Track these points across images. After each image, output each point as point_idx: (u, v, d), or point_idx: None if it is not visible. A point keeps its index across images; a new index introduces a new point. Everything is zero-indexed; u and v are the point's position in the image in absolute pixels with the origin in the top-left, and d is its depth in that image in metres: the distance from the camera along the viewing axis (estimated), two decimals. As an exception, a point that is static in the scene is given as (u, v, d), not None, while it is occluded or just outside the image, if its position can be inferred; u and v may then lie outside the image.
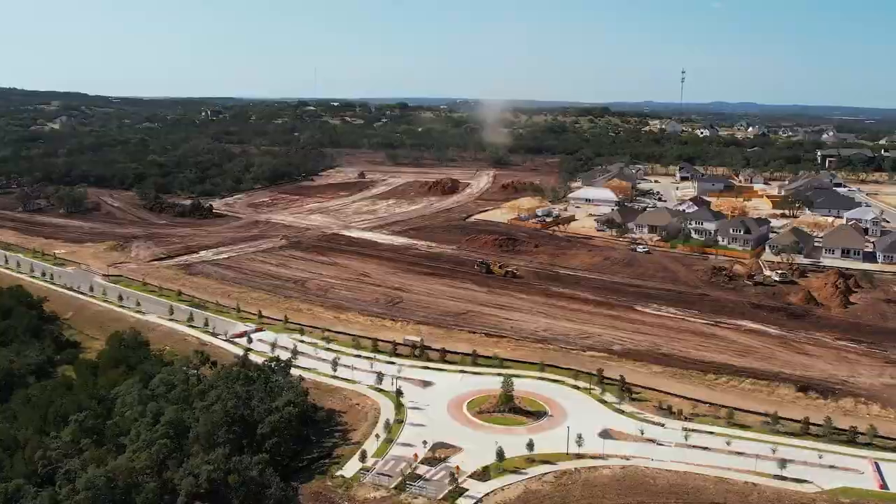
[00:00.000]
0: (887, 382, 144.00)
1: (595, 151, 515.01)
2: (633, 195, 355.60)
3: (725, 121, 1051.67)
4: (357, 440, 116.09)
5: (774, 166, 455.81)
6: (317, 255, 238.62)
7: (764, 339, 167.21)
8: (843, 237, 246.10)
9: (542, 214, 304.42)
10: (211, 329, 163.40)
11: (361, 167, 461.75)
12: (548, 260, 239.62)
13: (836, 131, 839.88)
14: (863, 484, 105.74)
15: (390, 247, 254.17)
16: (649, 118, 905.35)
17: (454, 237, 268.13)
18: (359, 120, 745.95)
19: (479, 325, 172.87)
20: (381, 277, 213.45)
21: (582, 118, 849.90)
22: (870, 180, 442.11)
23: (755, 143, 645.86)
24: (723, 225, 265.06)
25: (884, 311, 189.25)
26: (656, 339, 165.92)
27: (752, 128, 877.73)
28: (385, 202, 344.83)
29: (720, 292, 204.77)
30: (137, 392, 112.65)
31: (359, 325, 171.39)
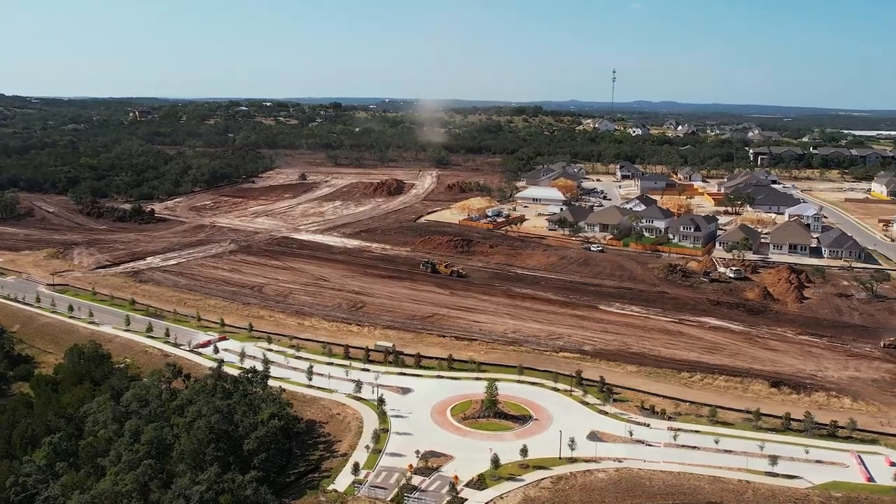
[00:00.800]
0: (853, 375, 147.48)
1: (535, 151, 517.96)
2: (578, 194, 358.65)
3: (649, 119, 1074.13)
4: (344, 452, 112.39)
5: (711, 164, 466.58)
6: (269, 260, 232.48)
7: (729, 336, 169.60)
8: (790, 233, 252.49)
9: (492, 215, 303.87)
10: (173, 339, 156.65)
11: (301, 168, 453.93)
12: (504, 260, 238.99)
13: (761, 129, 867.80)
14: (850, 477, 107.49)
15: (344, 250, 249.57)
16: (582, 117, 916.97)
17: (407, 239, 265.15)
18: (293, 120, 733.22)
19: (448, 329, 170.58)
20: (339, 281, 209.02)
21: (516, 117, 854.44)
22: (801, 177, 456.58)
23: (686, 142, 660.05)
24: (673, 223, 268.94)
25: (837, 306, 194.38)
26: (625, 338, 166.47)
27: (681, 126, 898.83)
28: (331, 204, 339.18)
29: (678, 289, 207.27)
30: (111, 410, 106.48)
31: (325, 332, 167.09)
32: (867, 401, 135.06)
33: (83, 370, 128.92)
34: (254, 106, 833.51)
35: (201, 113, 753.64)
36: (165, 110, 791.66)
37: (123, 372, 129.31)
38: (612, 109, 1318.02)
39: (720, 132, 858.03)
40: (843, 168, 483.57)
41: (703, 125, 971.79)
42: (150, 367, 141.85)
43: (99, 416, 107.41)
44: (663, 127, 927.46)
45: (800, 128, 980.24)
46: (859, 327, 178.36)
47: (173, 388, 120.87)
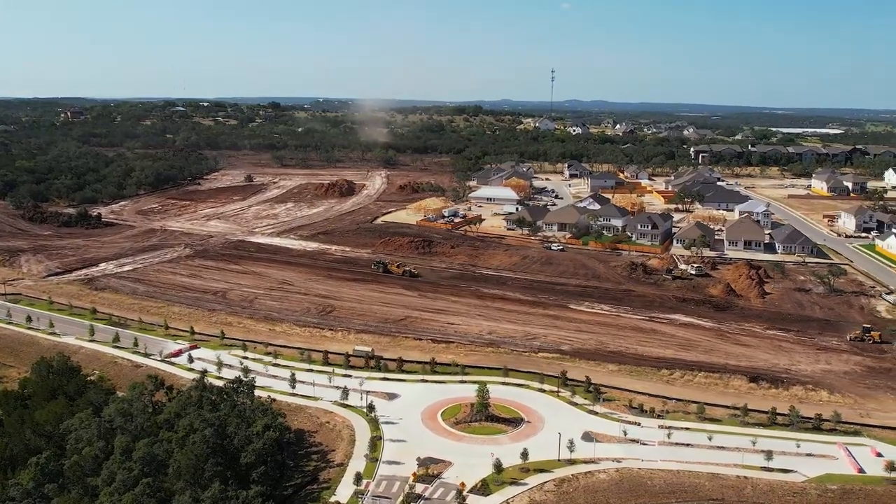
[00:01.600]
0: (825, 368, 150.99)
1: (481, 150, 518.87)
2: (530, 193, 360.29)
3: (582, 118, 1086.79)
4: (339, 461, 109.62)
5: (656, 162, 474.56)
6: (228, 264, 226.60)
7: (701, 332, 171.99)
8: (744, 230, 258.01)
9: (449, 215, 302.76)
10: (142, 349, 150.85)
11: (246, 170, 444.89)
12: (467, 260, 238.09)
13: (695, 127, 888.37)
14: (841, 469, 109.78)
15: (304, 252, 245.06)
16: (522, 117, 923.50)
17: (367, 240, 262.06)
18: (232, 120, 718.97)
19: (423, 331, 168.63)
20: (304, 285, 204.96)
21: (457, 117, 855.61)
22: (743, 174, 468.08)
23: (627, 140, 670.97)
24: (630, 221, 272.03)
25: (798, 300, 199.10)
26: (600, 337, 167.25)
27: (619, 125, 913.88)
28: (283, 206, 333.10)
29: (643, 287, 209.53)
30: (96, 426, 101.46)
31: (299, 338, 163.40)
32: (843, 393, 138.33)
33: (54, 384, 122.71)
34: (190, 106, 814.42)
35: (136, 113, 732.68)
36: (98, 111, 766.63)
37: (99, 385, 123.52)
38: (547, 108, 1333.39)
39: (657, 130, 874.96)
40: (781, 165, 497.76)
41: (638, 124, 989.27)
42: (122, 379, 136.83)
43: (82, 433, 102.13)
44: (601, 126, 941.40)
45: (730, 126, 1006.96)
46: (822, 321, 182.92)
47: (156, 400, 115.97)
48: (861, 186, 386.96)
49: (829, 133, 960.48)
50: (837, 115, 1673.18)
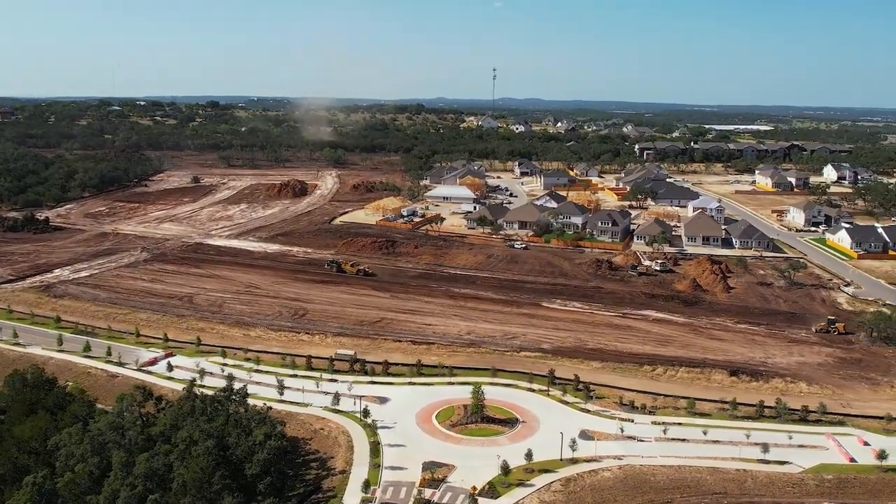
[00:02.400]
0: (800, 361, 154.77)
1: (430, 149, 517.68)
2: (486, 192, 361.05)
3: (520, 116, 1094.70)
4: (341, 468, 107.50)
5: (604, 160, 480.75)
6: (190, 268, 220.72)
7: (675, 328, 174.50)
8: (702, 225, 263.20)
9: (407, 214, 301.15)
10: (116, 358, 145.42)
11: (192, 170, 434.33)
12: (433, 260, 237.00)
13: (633, 125, 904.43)
14: (834, 459, 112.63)
15: (265, 255, 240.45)
16: (464, 115, 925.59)
17: (328, 241, 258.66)
18: (171, 120, 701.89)
19: (401, 333, 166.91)
20: (272, 288, 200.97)
21: (400, 115, 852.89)
22: (689, 171, 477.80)
23: (570, 138, 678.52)
24: (590, 218, 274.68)
25: (762, 294, 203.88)
26: (578, 334, 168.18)
27: (560, 123, 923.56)
28: (237, 207, 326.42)
29: (611, 284, 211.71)
30: (89, 442, 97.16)
31: (276, 342, 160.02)
32: (821, 385, 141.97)
33: (31, 398, 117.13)
34: (127, 106, 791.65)
35: (70, 113, 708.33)
36: (30, 110, 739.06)
37: (81, 399, 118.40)
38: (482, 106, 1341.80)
39: (597, 128, 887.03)
40: (723, 161, 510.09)
41: (578, 122, 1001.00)
42: (99, 391, 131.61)
43: (73, 449, 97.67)
44: (542, 124, 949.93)
45: (664, 123, 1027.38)
46: (788, 314, 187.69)
47: (145, 412, 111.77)
48: (804, 182, 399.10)
49: (759, 129, 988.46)
50: (765, 112, 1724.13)
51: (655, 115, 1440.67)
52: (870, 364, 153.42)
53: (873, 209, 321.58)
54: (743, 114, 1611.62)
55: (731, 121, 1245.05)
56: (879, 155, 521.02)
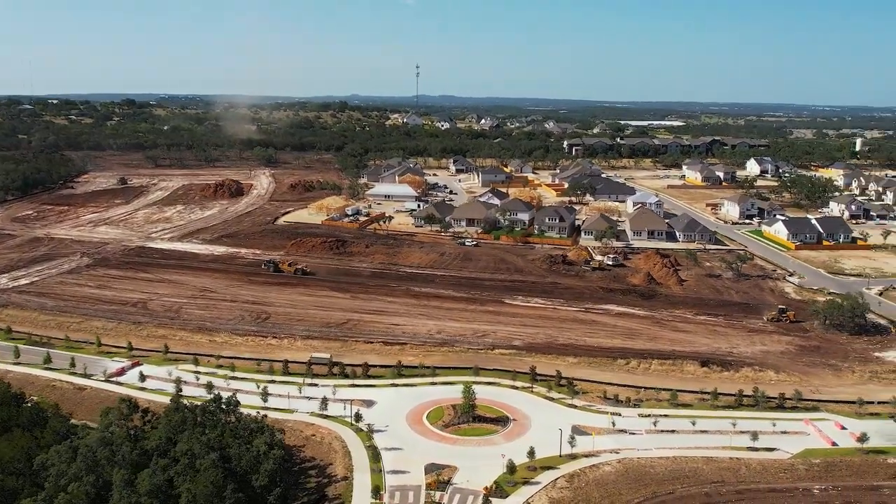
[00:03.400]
0: (763, 350, 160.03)
1: (362, 147, 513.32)
2: (426, 189, 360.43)
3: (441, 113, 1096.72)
4: (342, 475, 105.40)
5: (537, 156, 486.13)
6: (137, 273, 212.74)
7: (638, 321, 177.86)
8: (646, 220, 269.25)
9: (352, 213, 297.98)
10: (81, 370, 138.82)
11: (118, 171, 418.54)
12: (386, 259, 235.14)
13: (555, 121, 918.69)
14: (817, 444, 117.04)
15: (213, 257, 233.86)
16: (389, 112, 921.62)
17: (275, 242, 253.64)
18: (86, 119, 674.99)
19: (370, 334, 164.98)
20: (227, 292, 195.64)
21: (324, 112, 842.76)
22: (619, 166, 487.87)
23: (497, 135, 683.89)
24: (537, 215, 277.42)
25: (713, 286, 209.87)
26: (547, 330, 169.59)
27: (484, 120, 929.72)
28: (173, 209, 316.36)
29: (567, 279, 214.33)
30: (84, 460, 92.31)
31: (245, 348, 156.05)
32: (788, 372, 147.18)
33: (3, 416, 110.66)
34: (39, 104, 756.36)
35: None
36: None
37: (57, 414, 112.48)
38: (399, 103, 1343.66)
39: (520, 125, 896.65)
40: (649, 156, 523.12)
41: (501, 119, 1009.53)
42: (68, 405, 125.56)
43: (63, 468, 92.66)
44: (466, 120, 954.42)
45: (581, 119, 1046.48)
46: (741, 304, 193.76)
47: (132, 426, 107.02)
48: (731, 176, 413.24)
49: (673, 125, 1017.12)
50: (674, 109, 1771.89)
51: (571, 111, 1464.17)
52: (828, 351, 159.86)
53: (800, 201, 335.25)
54: (654, 110, 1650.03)
55: (643, 117, 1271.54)
56: (797, 149, 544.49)
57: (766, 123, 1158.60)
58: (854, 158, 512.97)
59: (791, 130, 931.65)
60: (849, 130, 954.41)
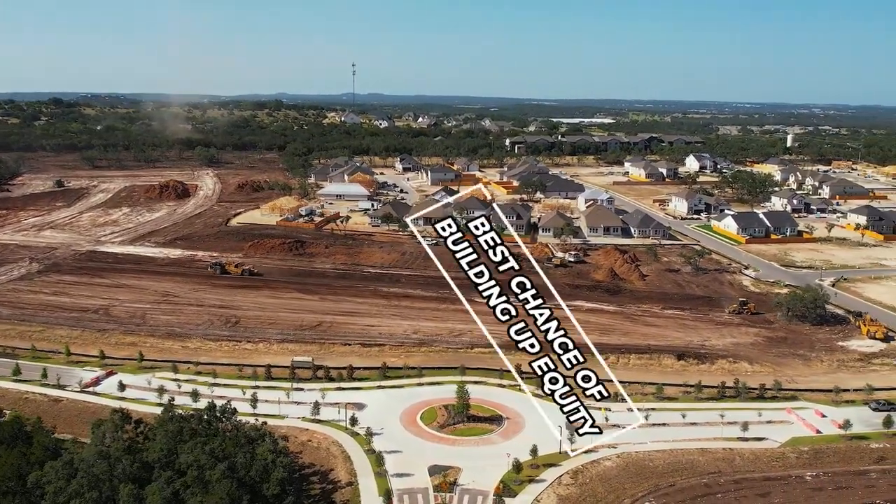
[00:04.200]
0: (734, 342, 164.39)
1: (305, 146, 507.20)
2: (377, 189, 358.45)
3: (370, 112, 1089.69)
4: (347, 480, 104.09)
5: (482, 154, 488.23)
6: (93, 278, 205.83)
7: (609, 317, 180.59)
8: (602, 216, 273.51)
9: (306, 214, 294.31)
10: (54, 381, 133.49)
11: (53, 173, 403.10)
12: (348, 259, 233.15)
13: (491, 119, 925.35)
14: (802, 432, 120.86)
15: (170, 260, 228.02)
16: (325, 111, 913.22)
17: (233, 244, 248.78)
18: (12, 119, 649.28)
19: (345, 336, 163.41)
20: (191, 296, 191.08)
21: (259, 111, 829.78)
22: (562, 164, 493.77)
23: (437, 133, 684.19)
24: (494, 212, 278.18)
25: (674, 280, 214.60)
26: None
27: (422, 118, 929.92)
28: (119, 211, 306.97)
29: (532, 277, 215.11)
30: (85, 475, 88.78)
31: (220, 353, 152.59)
32: (761, 363, 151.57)
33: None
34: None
35: None
36: None
37: (42, 428, 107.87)
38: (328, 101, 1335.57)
39: (456, 123, 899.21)
40: (590, 154, 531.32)
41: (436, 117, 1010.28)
42: (46, 418, 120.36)
43: (62, 485, 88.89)
44: (403, 119, 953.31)
45: (514, 117, 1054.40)
46: (704, 298, 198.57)
47: (127, 438, 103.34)
48: (674, 172, 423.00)
49: (604, 122, 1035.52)
50: (601, 106, 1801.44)
51: (502, 109, 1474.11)
52: (795, 341, 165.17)
53: (743, 196, 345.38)
54: (582, 107, 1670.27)
55: (573, 114, 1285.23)
56: (732, 145, 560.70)
57: (693, 120, 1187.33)
58: (786, 154, 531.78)
59: (717, 127, 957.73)
60: (771, 127, 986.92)
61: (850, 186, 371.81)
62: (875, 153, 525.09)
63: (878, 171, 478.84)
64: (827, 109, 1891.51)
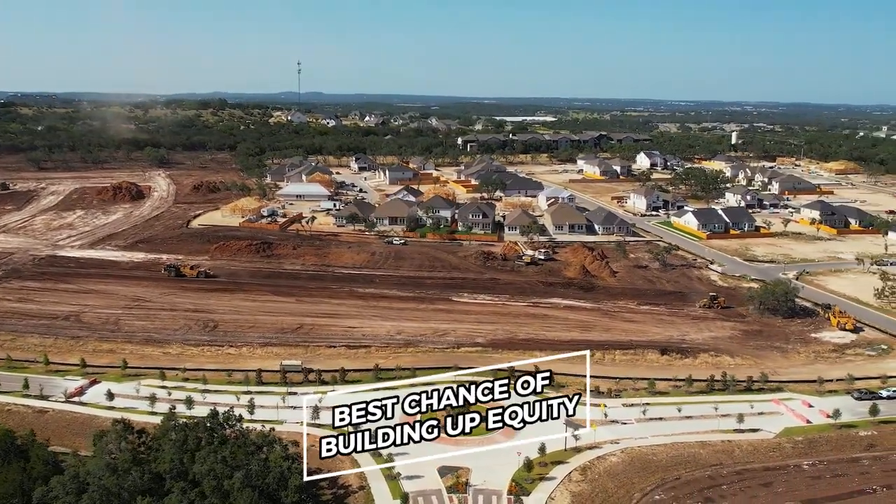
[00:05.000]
0: (713, 336, 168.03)
1: (257, 146, 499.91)
2: (337, 188, 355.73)
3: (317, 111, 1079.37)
4: (357, 485, 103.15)
5: (437, 153, 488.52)
6: (57, 283, 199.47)
7: (588, 314, 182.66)
8: (567, 214, 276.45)
9: (268, 214, 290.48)
10: (36, 391, 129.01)
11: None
12: (317, 260, 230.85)
13: (437, 118, 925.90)
14: (793, 423, 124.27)
15: (135, 264, 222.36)
16: (271, 109, 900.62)
17: (197, 247, 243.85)
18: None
19: (328, 338, 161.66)
20: (163, 300, 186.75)
21: (203, 111, 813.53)
22: (516, 162, 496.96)
23: (386, 132, 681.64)
24: (461, 211, 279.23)
25: (644, 276, 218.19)
26: (504, 326, 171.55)
27: (369, 117, 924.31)
28: (73, 214, 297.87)
29: (505, 275, 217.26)
30: (96, 489, 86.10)
31: (204, 358, 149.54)
32: (742, 356, 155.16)
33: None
34: None
35: None
36: None
37: (35, 441, 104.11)
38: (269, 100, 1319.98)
39: (403, 121, 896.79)
40: (542, 152, 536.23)
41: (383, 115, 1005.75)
42: (31, 430, 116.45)
43: (72, 499, 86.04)
44: (350, 118, 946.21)
45: (456, 115, 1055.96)
46: (676, 293, 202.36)
47: (131, 449, 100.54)
48: (627, 169, 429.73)
49: (546, 120, 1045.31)
50: (540, 104, 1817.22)
51: (442, 107, 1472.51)
52: (770, 334, 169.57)
53: (697, 193, 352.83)
54: (523, 106, 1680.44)
55: (514, 112, 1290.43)
56: (680, 143, 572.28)
57: (632, 118, 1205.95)
58: (732, 151, 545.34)
59: (656, 124, 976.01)
60: (709, 124, 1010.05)
61: (799, 182, 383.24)
62: (816, 149, 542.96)
63: (821, 167, 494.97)
64: (759, 107, 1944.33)
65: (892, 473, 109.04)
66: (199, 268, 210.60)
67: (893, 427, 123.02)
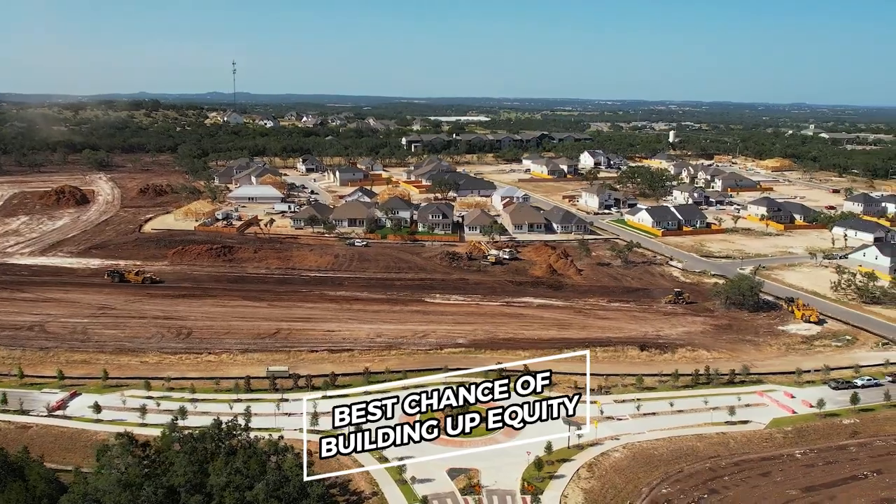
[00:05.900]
0: (687, 331, 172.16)
1: (199, 148, 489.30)
2: (288, 190, 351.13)
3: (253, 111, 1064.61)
4: (371, 490, 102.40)
5: (384, 154, 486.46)
6: (13, 293, 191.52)
7: (561, 312, 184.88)
8: (525, 214, 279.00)
9: (223, 217, 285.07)
10: (16, 406, 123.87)
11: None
12: (281, 264, 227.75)
13: (375, 118, 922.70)
14: (780, 413, 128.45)
15: (91, 271, 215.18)
16: (207, 110, 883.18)
17: (154, 252, 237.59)
18: None
19: (308, 343, 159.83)
20: (130, 308, 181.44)
21: (136, 111, 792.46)
22: (462, 162, 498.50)
23: (327, 133, 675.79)
24: (420, 212, 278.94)
25: (609, 273, 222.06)
26: (483, 326, 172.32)
27: (306, 118, 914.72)
28: (17, 220, 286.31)
29: (473, 275, 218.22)
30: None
31: (184, 366, 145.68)
32: (718, 350, 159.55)
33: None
34: None
35: None
36: None
37: (30, 459, 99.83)
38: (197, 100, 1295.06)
39: (341, 122, 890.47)
40: (486, 151, 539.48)
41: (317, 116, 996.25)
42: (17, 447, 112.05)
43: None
44: (286, 118, 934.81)
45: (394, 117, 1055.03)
46: (642, 290, 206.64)
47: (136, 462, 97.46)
48: (574, 168, 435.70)
49: (480, 120, 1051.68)
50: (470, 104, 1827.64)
51: (374, 107, 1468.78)
52: (740, 328, 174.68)
53: (644, 191, 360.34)
54: (453, 105, 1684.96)
55: (445, 112, 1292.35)
56: (621, 142, 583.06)
57: (563, 117, 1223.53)
58: (671, 149, 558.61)
59: (588, 123, 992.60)
60: (638, 123, 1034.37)
61: (740, 179, 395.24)
62: (752, 147, 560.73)
63: (757, 165, 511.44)
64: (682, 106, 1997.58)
65: (879, 459, 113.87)
66: (143, 273, 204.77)
67: (872, 415, 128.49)
